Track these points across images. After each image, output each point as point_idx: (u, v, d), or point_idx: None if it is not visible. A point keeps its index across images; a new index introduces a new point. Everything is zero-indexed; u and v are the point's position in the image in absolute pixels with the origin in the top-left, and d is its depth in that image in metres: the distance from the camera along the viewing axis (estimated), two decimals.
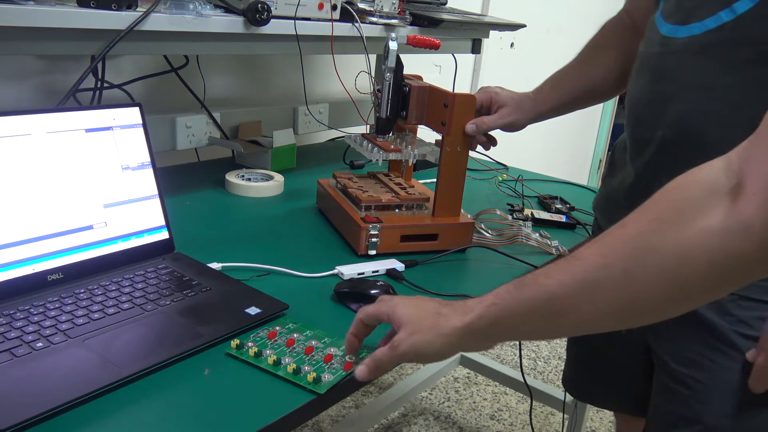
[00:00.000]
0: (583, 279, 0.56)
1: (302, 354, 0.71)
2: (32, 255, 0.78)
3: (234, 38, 1.12)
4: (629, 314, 0.56)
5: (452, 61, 1.53)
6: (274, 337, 0.74)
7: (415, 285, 0.93)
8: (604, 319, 0.57)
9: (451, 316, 0.64)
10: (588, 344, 1.13)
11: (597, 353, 1.11)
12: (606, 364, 1.10)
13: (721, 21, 0.75)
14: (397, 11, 1.39)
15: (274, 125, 1.53)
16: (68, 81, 1.19)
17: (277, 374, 0.68)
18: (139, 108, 0.90)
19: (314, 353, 0.71)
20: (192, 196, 1.23)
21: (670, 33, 0.83)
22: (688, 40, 0.80)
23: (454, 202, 1.05)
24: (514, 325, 0.62)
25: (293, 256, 0.98)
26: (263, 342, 0.73)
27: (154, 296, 0.80)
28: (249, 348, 0.71)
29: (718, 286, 0.53)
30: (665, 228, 0.52)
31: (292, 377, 0.67)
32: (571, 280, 0.56)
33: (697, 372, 0.83)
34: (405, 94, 1.07)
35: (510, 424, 1.97)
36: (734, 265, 0.50)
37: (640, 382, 0.99)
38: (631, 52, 1.02)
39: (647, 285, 0.53)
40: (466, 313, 0.63)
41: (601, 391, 1.15)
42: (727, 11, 0.74)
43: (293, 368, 0.67)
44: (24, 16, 0.85)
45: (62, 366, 0.65)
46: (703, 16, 0.78)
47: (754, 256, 0.49)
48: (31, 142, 0.79)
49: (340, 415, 1.93)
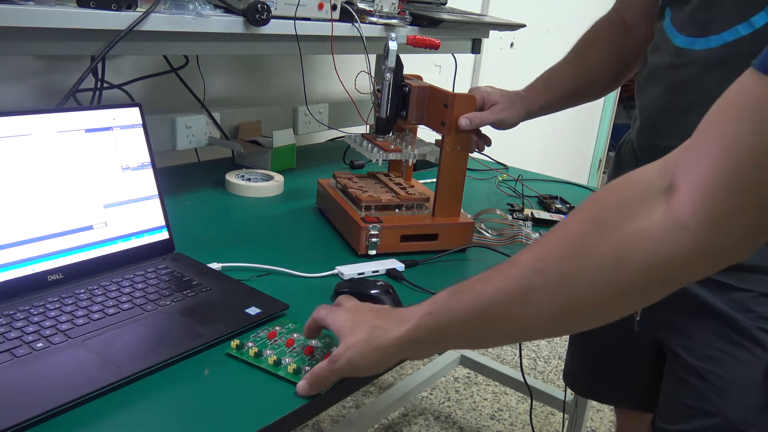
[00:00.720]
0: (518, 285, 0.55)
1: (302, 354, 0.71)
2: (32, 255, 0.78)
3: (234, 38, 1.12)
4: (570, 319, 0.55)
5: (452, 61, 1.53)
6: (274, 337, 0.74)
7: (415, 285, 0.93)
8: (547, 324, 0.55)
9: (388, 328, 0.63)
10: (591, 338, 1.12)
11: (600, 347, 1.11)
12: (610, 359, 1.10)
13: (738, 34, 0.77)
14: (396, 11, 1.39)
15: (274, 125, 1.53)
16: (68, 81, 1.19)
17: (277, 374, 0.68)
18: (139, 108, 0.90)
19: (314, 353, 0.71)
20: (192, 196, 1.23)
21: (685, 45, 0.84)
22: (706, 52, 0.81)
23: (454, 202, 1.05)
24: (454, 332, 0.60)
25: (293, 256, 0.98)
26: (263, 342, 0.73)
27: (154, 296, 0.80)
28: (249, 348, 0.71)
29: (657, 287, 0.52)
30: (601, 230, 0.52)
31: (292, 377, 0.67)
32: (508, 286, 0.55)
33: (715, 366, 0.84)
34: (405, 94, 1.07)
35: (510, 424, 1.97)
36: (671, 265, 0.49)
37: (646, 376, 1.00)
38: (621, 51, 1.04)
39: (585, 288, 0.52)
40: (402, 324, 0.62)
41: (605, 386, 1.15)
42: (744, 25, 0.75)
43: (293, 368, 0.67)
44: (24, 17, 0.85)
45: (62, 366, 0.65)
46: (720, 29, 0.78)
47: (690, 256, 0.49)
48: (31, 143, 0.79)
49: (340, 415, 1.93)
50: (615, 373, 1.10)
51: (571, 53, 1.13)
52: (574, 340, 1.21)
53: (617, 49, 1.06)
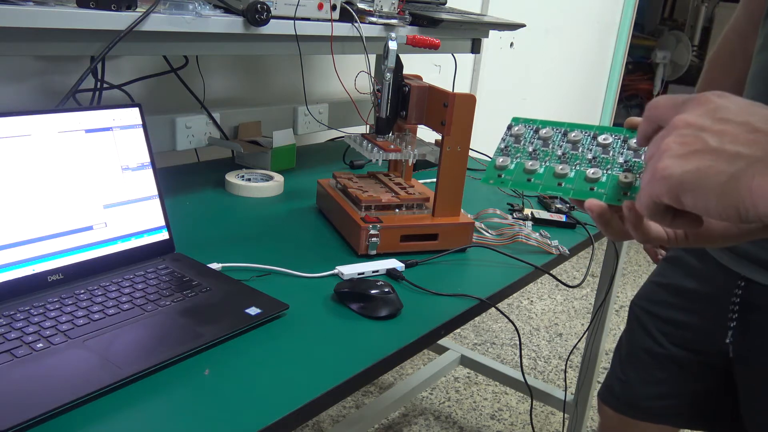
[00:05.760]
0: None
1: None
2: (32, 256, 0.78)
3: (233, 38, 1.12)
4: None
5: (452, 61, 1.53)
6: None
7: (415, 285, 0.93)
8: None
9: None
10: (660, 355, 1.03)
11: (667, 364, 1.02)
12: (675, 374, 1.02)
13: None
14: (396, 11, 1.39)
15: (274, 125, 1.53)
16: (68, 82, 1.19)
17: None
18: (138, 108, 0.90)
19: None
20: (192, 196, 1.23)
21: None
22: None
23: (454, 202, 1.05)
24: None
25: (293, 256, 0.98)
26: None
27: (154, 297, 0.80)
28: None
29: None
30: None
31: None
32: None
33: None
34: (405, 94, 1.07)
35: (510, 424, 1.97)
36: None
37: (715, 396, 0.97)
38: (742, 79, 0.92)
39: None
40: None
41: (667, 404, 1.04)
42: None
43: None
44: (24, 17, 0.85)
45: (62, 366, 0.65)
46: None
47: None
48: (31, 143, 0.79)
49: (341, 415, 1.93)
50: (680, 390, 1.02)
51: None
52: (631, 356, 1.09)
53: (740, 78, 0.94)
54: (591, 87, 3.56)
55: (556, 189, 0.57)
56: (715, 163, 0.43)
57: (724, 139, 0.43)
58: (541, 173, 0.58)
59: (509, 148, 0.61)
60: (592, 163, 0.57)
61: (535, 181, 0.58)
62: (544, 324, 2.61)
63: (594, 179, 0.56)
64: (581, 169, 0.57)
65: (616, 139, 0.58)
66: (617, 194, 0.54)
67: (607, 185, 0.55)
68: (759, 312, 0.88)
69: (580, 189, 0.56)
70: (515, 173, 0.59)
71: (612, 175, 0.56)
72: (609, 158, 0.57)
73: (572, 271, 3.13)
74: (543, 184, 0.57)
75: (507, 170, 0.59)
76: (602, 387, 1.13)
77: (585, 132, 0.60)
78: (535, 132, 0.61)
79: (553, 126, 0.61)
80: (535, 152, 0.60)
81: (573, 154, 0.58)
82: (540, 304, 2.78)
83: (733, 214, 0.42)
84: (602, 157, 0.57)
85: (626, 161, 0.56)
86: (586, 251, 3.23)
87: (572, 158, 0.58)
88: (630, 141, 0.57)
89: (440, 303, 0.89)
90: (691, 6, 5.14)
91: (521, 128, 0.62)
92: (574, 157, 0.58)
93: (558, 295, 2.87)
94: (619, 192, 0.54)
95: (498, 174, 0.59)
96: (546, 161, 0.59)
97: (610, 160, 0.57)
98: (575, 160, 0.58)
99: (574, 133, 0.59)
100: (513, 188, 0.59)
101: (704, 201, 0.43)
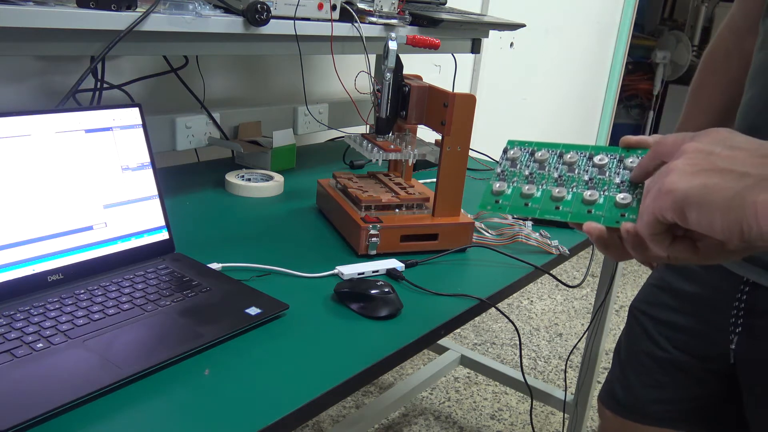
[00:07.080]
0: None
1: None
2: (32, 256, 0.78)
3: (233, 38, 1.12)
4: None
5: (452, 61, 1.53)
6: None
7: (415, 285, 0.93)
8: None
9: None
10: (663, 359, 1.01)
11: (674, 369, 1.01)
12: (682, 379, 1.00)
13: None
14: (396, 11, 1.39)
15: (274, 125, 1.53)
16: (68, 82, 1.19)
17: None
18: (138, 108, 0.90)
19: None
20: (192, 196, 1.23)
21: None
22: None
23: (454, 202, 1.05)
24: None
25: (293, 256, 0.98)
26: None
27: (154, 297, 0.80)
28: None
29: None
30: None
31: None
32: None
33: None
34: (405, 94, 1.07)
35: (510, 424, 1.97)
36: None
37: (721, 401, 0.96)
38: (739, 79, 0.92)
39: None
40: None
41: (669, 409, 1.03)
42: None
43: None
44: (24, 17, 0.85)
45: (62, 367, 0.65)
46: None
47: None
48: (31, 143, 0.79)
49: (341, 415, 1.93)
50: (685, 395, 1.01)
51: (689, 97, 1.04)
52: (634, 359, 1.07)
53: (736, 77, 0.94)
54: (591, 87, 3.56)
55: (554, 213, 0.57)
56: (722, 181, 0.43)
57: (733, 162, 0.44)
58: (539, 197, 0.58)
59: (506, 173, 0.61)
60: (589, 185, 0.58)
61: (532, 206, 0.58)
62: (544, 324, 2.61)
63: (591, 201, 0.56)
64: (578, 191, 0.58)
65: (612, 159, 0.58)
66: (615, 216, 0.55)
67: (605, 207, 0.56)
68: (767, 317, 0.88)
69: (577, 212, 0.57)
70: (512, 198, 0.59)
71: (609, 196, 0.56)
72: (605, 179, 0.58)
73: (572, 271, 3.13)
74: (540, 209, 0.58)
75: (504, 195, 0.60)
76: (602, 390, 1.13)
77: (581, 153, 0.60)
78: (531, 155, 0.62)
79: (548, 148, 0.62)
80: (531, 175, 0.60)
81: (569, 176, 0.59)
82: (540, 304, 2.78)
83: (737, 231, 0.43)
84: (599, 177, 0.58)
85: (623, 181, 0.57)
86: (586, 251, 3.23)
87: (569, 180, 0.59)
88: (626, 161, 0.58)
89: (440, 303, 0.89)
90: (691, 6, 5.14)
91: (517, 151, 0.62)
92: (570, 179, 0.59)
93: (558, 295, 2.87)
94: (616, 213, 0.55)
95: (495, 200, 0.60)
96: (543, 184, 0.59)
97: (607, 181, 0.57)
98: (572, 182, 0.59)
99: (569, 155, 0.60)
100: (511, 213, 0.59)
101: (709, 217, 0.43)
